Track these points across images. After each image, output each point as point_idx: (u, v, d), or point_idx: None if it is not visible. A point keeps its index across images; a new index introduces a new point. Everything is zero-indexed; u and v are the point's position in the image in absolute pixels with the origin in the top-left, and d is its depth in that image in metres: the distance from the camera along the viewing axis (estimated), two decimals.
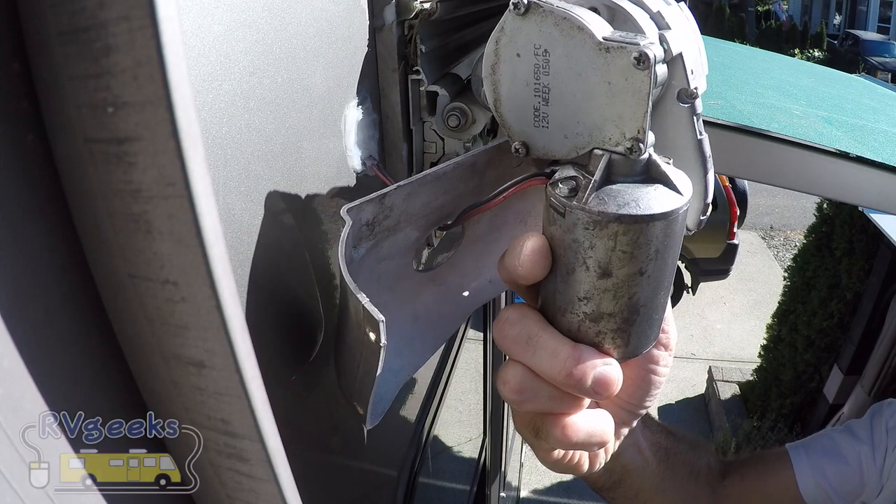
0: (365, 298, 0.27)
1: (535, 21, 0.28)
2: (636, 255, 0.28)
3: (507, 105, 0.31)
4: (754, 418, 3.51)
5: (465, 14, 0.52)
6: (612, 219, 0.27)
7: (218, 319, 0.20)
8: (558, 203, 0.29)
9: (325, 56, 0.35)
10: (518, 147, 0.31)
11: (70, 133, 0.19)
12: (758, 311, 4.94)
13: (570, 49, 0.28)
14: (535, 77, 0.29)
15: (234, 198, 0.28)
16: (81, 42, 0.17)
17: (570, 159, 0.30)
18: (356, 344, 0.31)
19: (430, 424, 0.84)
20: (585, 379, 0.30)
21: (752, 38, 15.21)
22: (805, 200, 6.24)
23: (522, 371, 0.31)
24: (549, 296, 0.31)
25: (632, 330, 0.30)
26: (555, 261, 0.30)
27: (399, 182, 0.33)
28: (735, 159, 0.85)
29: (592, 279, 0.29)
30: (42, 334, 0.19)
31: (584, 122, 0.29)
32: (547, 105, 0.30)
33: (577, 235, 0.28)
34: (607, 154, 0.29)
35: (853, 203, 1.00)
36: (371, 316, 0.27)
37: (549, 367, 0.30)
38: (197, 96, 0.24)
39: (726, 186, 4.63)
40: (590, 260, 0.28)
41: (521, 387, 0.31)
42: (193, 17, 0.24)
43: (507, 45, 0.29)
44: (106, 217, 0.20)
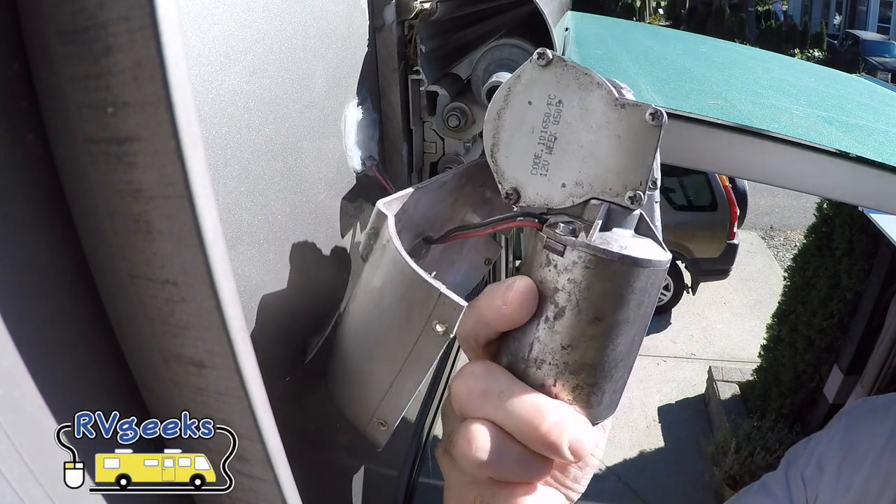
0: (442, 285, 0.27)
1: (554, 73, 0.30)
2: (628, 301, 0.28)
3: (504, 150, 0.31)
4: (754, 418, 3.51)
5: (465, 14, 0.52)
6: (616, 258, 0.28)
7: (218, 319, 0.20)
8: (558, 241, 0.29)
9: (325, 56, 0.35)
10: (510, 192, 0.31)
11: (70, 133, 0.19)
12: (758, 311, 4.94)
13: (586, 102, 0.29)
14: (544, 125, 0.30)
15: (234, 198, 0.28)
16: (81, 42, 0.17)
17: (563, 208, 0.31)
18: (394, 350, 0.29)
19: (430, 424, 0.84)
20: (563, 438, 0.27)
21: (752, 38, 15.21)
22: (805, 200, 6.24)
23: (492, 429, 0.28)
24: (523, 348, 0.30)
25: (606, 387, 0.30)
26: (539, 307, 0.29)
27: (417, 184, 0.33)
28: (735, 159, 0.85)
29: (582, 324, 0.29)
30: (42, 334, 0.19)
31: (586, 172, 0.30)
32: (550, 153, 0.30)
33: (574, 275, 0.28)
34: (605, 204, 0.30)
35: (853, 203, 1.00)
36: (451, 302, 0.26)
37: (524, 423, 0.28)
38: (197, 96, 0.24)
39: (726, 186, 4.64)
40: (583, 302, 0.28)
41: (493, 446, 0.28)
42: (193, 17, 0.24)
43: (520, 93, 0.30)
44: (106, 217, 0.20)
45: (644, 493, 3.58)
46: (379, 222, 0.30)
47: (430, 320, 0.27)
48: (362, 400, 0.32)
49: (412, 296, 0.28)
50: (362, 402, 0.32)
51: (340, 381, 0.34)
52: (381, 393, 0.31)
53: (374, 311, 0.31)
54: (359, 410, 0.33)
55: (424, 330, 0.28)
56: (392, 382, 0.30)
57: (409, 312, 0.28)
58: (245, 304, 0.29)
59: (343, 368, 0.34)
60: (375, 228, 0.30)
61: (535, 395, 0.29)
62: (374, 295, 0.31)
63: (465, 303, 0.26)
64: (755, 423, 3.43)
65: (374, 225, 0.30)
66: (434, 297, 0.27)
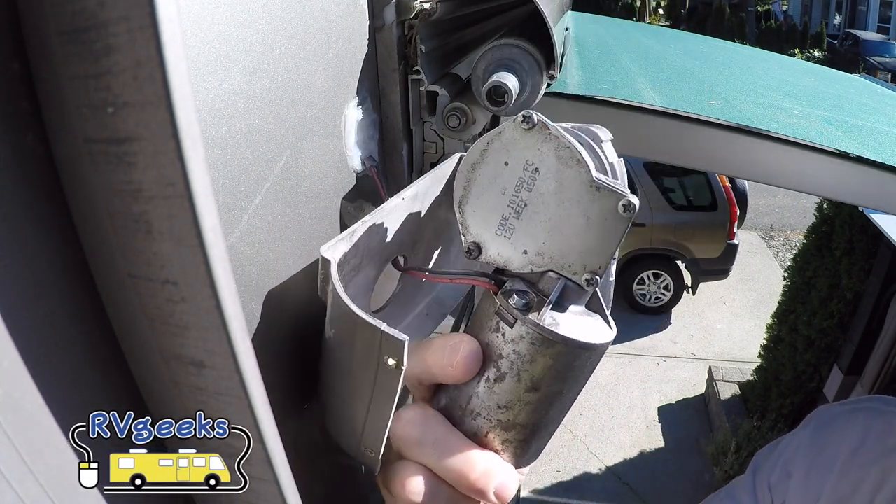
0: (382, 323, 0.27)
1: (536, 139, 0.29)
2: (566, 376, 0.30)
3: (473, 205, 0.31)
4: (754, 418, 3.51)
5: (465, 14, 0.52)
6: (560, 341, 0.29)
7: (218, 319, 0.20)
8: (509, 314, 0.30)
9: (325, 56, 0.35)
10: (471, 247, 0.31)
11: (70, 133, 0.19)
12: (758, 311, 4.95)
13: (562, 176, 0.29)
14: (516, 190, 0.30)
15: (234, 198, 0.28)
16: (81, 42, 0.17)
17: (521, 274, 0.31)
18: (360, 385, 0.30)
19: None
20: (490, 485, 0.30)
21: (752, 38, 15.21)
22: (805, 200, 6.24)
23: (426, 473, 0.31)
24: (462, 397, 0.32)
25: (533, 442, 0.32)
26: (483, 367, 0.31)
27: (364, 217, 0.32)
28: (735, 159, 0.85)
29: (520, 391, 0.30)
30: (42, 334, 0.19)
31: (549, 245, 0.30)
32: (517, 218, 0.30)
33: (519, 347, 0.29)
34: (563, 280, 0.30)
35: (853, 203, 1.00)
36: (393, 339, 0.27)
37: (456, 472, 0.30)
38: (197, 96, 0.24)
39: (726, 186, 4.64)
40: (524, 373, 0.30)
41: (426, 490, 0.31)
42: (193, 17, 0.24)
43: (498, 150, 0.30)
44: (106, 217, 0.20)
45: (644, 493, 3.58)
46: (325, 268, 0.29)
47: (380, 356, 0.28)
48: (349, 432, 0.33)
49: (361, 336, 0.28)
50: (349, 433, 0.33)
51: (329, 415, 0.36)
52: (360, 425, 0.32)
53: (338, 350, 0.32)
54: (349, 441, 0.34)
55: (380, 365, 0.28)
56: (366, 416, 0.31)
57: (365, 351, 0.29)
58: (245, 304, 0.29)
59: (329, 404, 0.35)
60: (324, 274, 0.30)
61: (467, 446, 0.31)
62: (335, 337, 0.31)
63: (406, 337, 0.27)
64: (755, 423, 3.43)
65: (322, 271, 0.30)
66: (377, 335, 0.27)
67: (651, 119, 0.84)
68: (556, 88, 0.78)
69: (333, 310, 0.30)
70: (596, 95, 0.84)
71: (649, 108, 0.84)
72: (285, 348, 0.34)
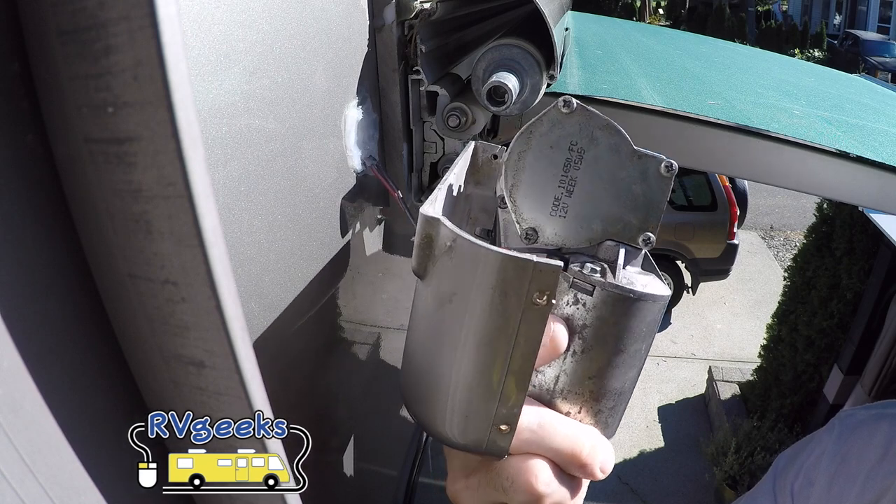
0: (533, 255, 0.26)
1: (577, 120, 0.31)
2: (645, 332, 0.31)
3: (524, 191, 0.32)
4: (754, 418, 3.51)
5: (465, 14, 0.52)
6: (643, 297, 0.30)
7: (218, 319, 0.20)
8: (588, 283, 0.30)
9: (325, 56, 0.35)
10: (529, 233, 0.33)
11: (70, 133, 0.19)
12: (758, 311, 4.95)
13: (606, 150, 0.32)
14: (565, 170, 0.32)
15: (234, 198, 0.28)
16: (81, 42, 0.17)
17: (578, 249, 0.33)
18: (497, 345, 0.28)
19: None
20: (596, 459, 0.30)
21: (752, 38, 15.21)
22: (805, 200, 6.24)
23: (546, 461, 0.30)
24: (548, 380, 0.32)
25: (621, 407, 0.33)
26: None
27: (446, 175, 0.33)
28: (735, 159, 0.85)
29: (609, 355, 0.31)
30: (42, 334, 0.19)
31: (603, 216, 0.32)
32: (570, 196, 0.32)
33: (603, 313, 0.30)
34: (620, 245, 0.32)
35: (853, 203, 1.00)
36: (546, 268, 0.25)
37: (568, 453, 0.30)
38: (197, 96, 0.24)
39: (726, 186, 4.64)
40: (611, 336, 0.31)
41: (552, 476, 0.30)
42: (193, 17, 0.24)
43: (542, 136, 0.32)
44: (106, 217, 0.20)
45: (644, 493, 3.58)
46: (430, 229, 0.28)
47: (529, 294, 0.26)
48: (476, 417, 0.30)
49: (504, 280, 0.26)
50: (476, 419, 0.30)
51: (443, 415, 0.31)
52: (495, 397, 0.29)
53: (458, 319, 0.29)
54: (475, 431, 0.30)
55: (525, 308, 0.26)
56: (503, 381, 0.28)
57: (504, 301, 0.26)
58: (245, 304, 0.29)
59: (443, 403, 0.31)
60: (428, 236, 0.28)
61: (571, 425, 0.31)
62: (455, 306, 0.28)
63: (560, 262, 0.26)
64: (755, 423, 3.43)
65: (425, 233, 0.28)
66: (528, 270, 0.26)
67: (651, 119, 0.84)
68: (556, 88, 0.78)
69: (457, 271, 0.28)
70: (596, 95, 0.85)
71: (649, 108, 0.84)
72: (286, 349, 0.34)
